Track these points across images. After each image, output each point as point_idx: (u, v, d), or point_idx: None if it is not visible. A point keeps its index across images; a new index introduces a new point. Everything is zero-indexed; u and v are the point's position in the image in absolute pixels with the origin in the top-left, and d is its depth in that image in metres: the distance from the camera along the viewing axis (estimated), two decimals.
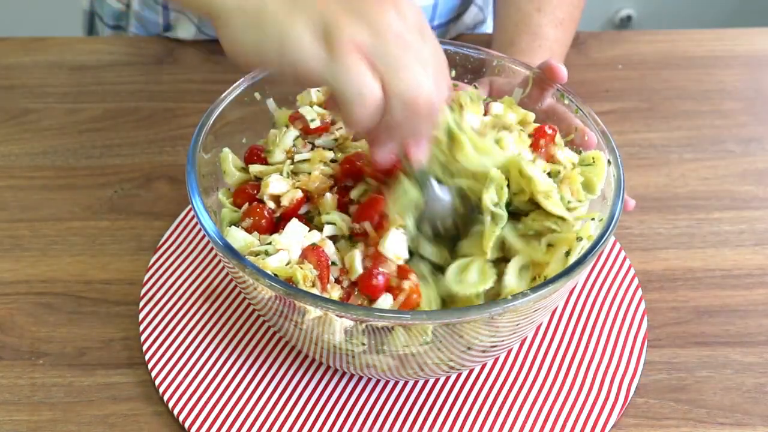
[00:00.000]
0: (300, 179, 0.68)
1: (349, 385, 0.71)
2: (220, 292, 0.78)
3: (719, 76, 1.04)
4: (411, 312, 0.59)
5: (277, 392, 0.71)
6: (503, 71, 0.77)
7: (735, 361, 0.74)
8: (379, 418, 0.69)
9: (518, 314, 0.61)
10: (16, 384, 0.72)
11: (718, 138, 0.96)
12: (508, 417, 0.69)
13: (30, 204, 0.87)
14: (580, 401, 0.70)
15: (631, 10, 2.31)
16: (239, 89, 0.74)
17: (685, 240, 0.84)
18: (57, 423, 0.69)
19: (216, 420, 0.68)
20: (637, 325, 0.76)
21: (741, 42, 1.10)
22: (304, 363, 0.73)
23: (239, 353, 0.73)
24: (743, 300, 0.79)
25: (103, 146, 0.94)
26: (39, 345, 0.75)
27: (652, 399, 0.72)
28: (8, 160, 0.92)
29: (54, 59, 1.03)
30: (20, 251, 0.83)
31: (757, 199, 0.89)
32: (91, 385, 0.72)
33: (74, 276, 0.80)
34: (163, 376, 0.71)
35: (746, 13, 2.27)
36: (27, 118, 0.97)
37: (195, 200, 0.64)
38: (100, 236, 0.84)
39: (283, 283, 0.59)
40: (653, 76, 1.04)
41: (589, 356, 0.73)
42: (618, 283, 0.79)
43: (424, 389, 0.71)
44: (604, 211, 0.66)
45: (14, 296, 0.79)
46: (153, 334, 0.74)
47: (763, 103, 1.00)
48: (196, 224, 0.83)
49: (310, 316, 0.59)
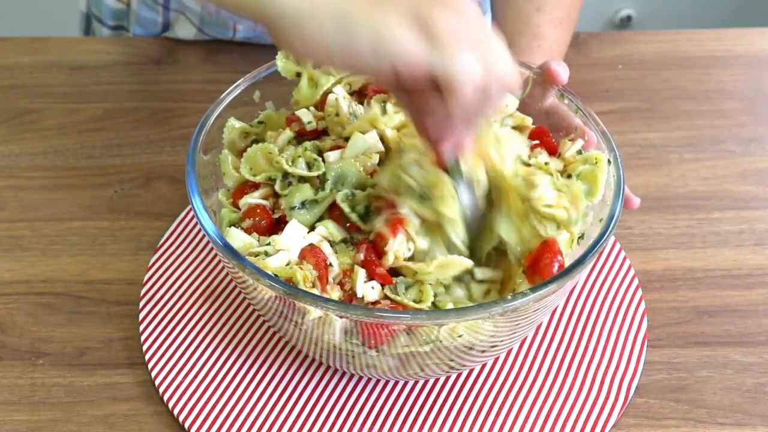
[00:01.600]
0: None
1: (349, 385, 0.71)
2: (220, 292, 0.78)
3: (719, 76, 1.04)
4: (411, 312, 0.59)
5: (277, 392, 0.71)
6: None
7: (735, 361, 0.74)
8: (379, 418, 0.69)
9: (518, 314, 0.61)
10: (16, 384, 0.72)
11: (718, 138, 0.96)
12: (508, 417, 0.69)
13: (30, 204, 0.87)
14: (580, 401, 0.70)
15: (631, 10, 2.31)
16: (239, 89, 0.74)
17: (685, 240, 0.84)
18: (57, 423, 0.69)
19: (216, 420, 0.68)
20: (637, 325, 0.76)
21: (741, 42, 1.09)
22: (304, 363, 0.73)
23: (239, 353, 0.73)
24: (743, 300, 0.79)
25: (103, 146, 0.94)
26: (39, 345, 0.75)
27: (652, 399, 0.72)
28: (8, 160, 0.92)
29: (54, 59, 1.03)
30: (20, 251, 0.83)
31: (757, 199, 0.89)
32: (91, 385, 0.72)
33: (74, 276, 0.80)
34: (163, 376, 0.71)
35: (746, 13, 2.27)
36: (27, 118, 0.97)
37: (195, 200, 0.64)
38: (100, 236, 0.84)
39: (284, 284, 0.59)
40: (653, 76, 1.04)
41: (589, 356, 0.73)
42: (618, 283, 0.79)
43: (424, 389, 0.71)
44: (603, 211, 0.66)
45: (14, 296, 0.79)
46: (153, 334, 0.74)
47: (763, 103, 1.00)
48: (196, 224, 0.83)
49: (310, 317, 0.59)
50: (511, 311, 0.59)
